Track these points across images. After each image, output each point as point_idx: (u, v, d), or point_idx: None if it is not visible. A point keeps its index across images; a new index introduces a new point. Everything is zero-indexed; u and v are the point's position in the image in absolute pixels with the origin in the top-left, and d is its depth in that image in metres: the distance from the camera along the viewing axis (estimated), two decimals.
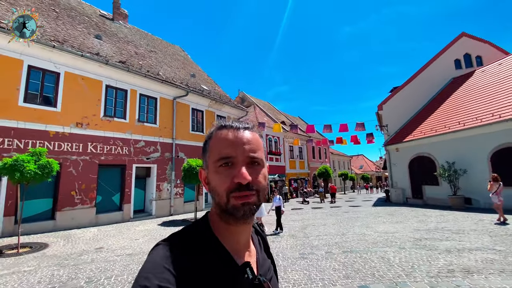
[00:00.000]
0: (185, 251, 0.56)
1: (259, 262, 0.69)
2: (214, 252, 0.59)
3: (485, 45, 18.02)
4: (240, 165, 0.60)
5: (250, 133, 0.65)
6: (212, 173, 0.63)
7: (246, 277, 0.58)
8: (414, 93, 18.36)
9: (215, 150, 0.63)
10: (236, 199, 0.59)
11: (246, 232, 0.67)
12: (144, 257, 5.99)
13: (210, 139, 0.66)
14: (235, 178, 0.59)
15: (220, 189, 0.60)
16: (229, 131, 0.64)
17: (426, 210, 12.17)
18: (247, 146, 0.62)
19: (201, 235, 0.62)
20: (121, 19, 18.73)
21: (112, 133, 11.34)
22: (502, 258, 4.55)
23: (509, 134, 10.65)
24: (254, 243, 0.73)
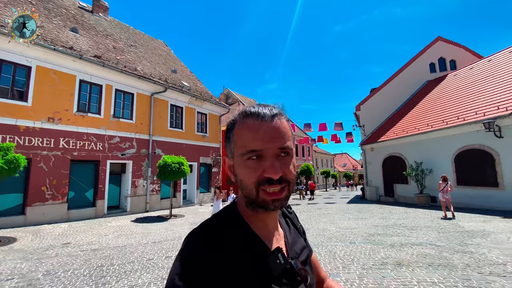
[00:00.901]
0: (218, 239, 0.57)
1: (288, 244, 0.69)
2: (245, 238, 0.60)
3: (459, 49, 18.81)
4: (269, 158, 0.58)
5: (279, 121, 0.61)
6: (239, 165, 0.61)
7: (278, 262, 0.58)
8: (390, 95, 18.99)
9: (241, 142, 0.60)
10: (267, 194, 0.58)
11: (275, 217, 0.68)
12: (109, 252, 6.11)
13: (234, 128, 0.63)
14: (265, 172, 0.57)
15: (248, 182, 0.59)
16: (255, 121, 0.60)
17: (393, 208, 12.76)
18: (277, 137, 0.59)
19: (232, 222, 0.62)
20: (101, 12, 18.34)
21: (85, 128, 11.24)
22: (437, 253, 4.96)
23: (471, 136, 11.29)
24: (282, 225, 0.73)
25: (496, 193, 10.31)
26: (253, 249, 0.59)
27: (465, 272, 3.91)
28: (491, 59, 15.07)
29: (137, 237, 7.94)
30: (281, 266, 0.58)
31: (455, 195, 11.84)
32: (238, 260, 0.55)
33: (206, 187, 17.73)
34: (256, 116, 0.60)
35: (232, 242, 0.57)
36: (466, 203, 11.38)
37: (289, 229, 0.75)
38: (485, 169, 10.74)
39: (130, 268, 4.83)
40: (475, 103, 12.13)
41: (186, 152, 15.78)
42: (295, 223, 0.81)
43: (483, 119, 10.42)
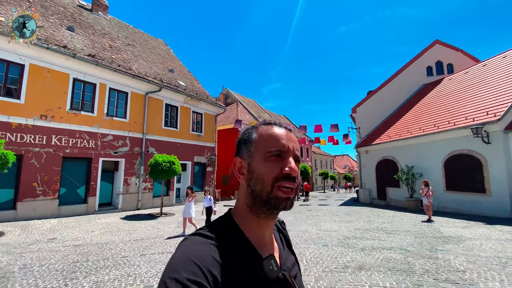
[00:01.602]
0: (212, 245, 0.58)
1: (282, 258, 0.70)
2: (239, 245, 0.61)
3: (457, 53, 18.69)
4: (289, 158, 0.64)
5: (293, 134, 0.71)
6: (259, 161, 0.65)
7: (271, 268, 0.60)
8: (386, 98, 18.95)
9: (267, 142, 0.66)
10: (281, 191, 0.62)
11: (270, 227, 0.70)
12: (88, 248, 6.26)
13: (256, 132, 0.70)
14: (286, 169, 0.62)
15: (267, 177, 0.62)
16: (280, 129, 0.69)
17: (383, 211, 12.78)
18: (294, 144, 0.68)
19: (227, 229, 0.64)
20: (101, 10, 18.55)
21: (78, 126, 11.43)
22: (403, 258, 5.02)
23: (461, 141, 11.26)
24: (276, 240, 0.75)
25: (483, 199, 10.29)
26: (247, 257, 0.60)
27: (421, 277, 3.97)
28: (486, 63, 14.97)
29: (121, 234, 8.09)
30: (275, 273, 0.60)
31: (445, 200, 11.86)
32: (231, 266, 0.56)
33: (201, 186, 17.87)
34: (278, 125, 0.71)
35: (226, 248, 0.59)
36: (455, 208, 11.37)
37: (282, 245, 0.77)
38: (473, 175, 10.72)
39: (102, 265, 4.96)
40: (465, 108, 12.09)
41: (180, 151, 15.94)
42: (288, 239, 0.83)
43: (472, 124, 10.40)
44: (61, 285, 4.00)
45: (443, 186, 12.02)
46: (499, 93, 11.12)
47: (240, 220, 0.66)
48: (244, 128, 0.74)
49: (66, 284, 4.02)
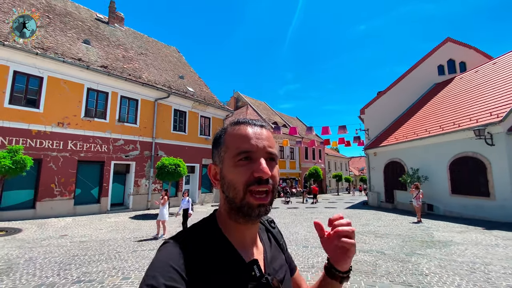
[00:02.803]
0: (192, 249, 0.57)
1: (267, 260, 0.68)
2: (220, 249, 0.59)
3: (470, 51, 17.93)
4: (259, 159, 0.60)
5: (265, 130, 0.66)
6: (229, 167, 0.62)
7: (253, 274, 0.58)
8: (396, 98, 18.54)
9: (234, 144, 0.63)
10: (254, 199, 0.59)
11: (253, 229, 0.67)
12: (91, 244, 6.91)
13: (224, 134, 0.66)
14: (256, 172, 0.59)
15: (237, 183, 0.59)
16: (247, 127, 0.65)
17: (386, 214, 12.60)
18: (265, 142, 0.63)
19: (208, 233, 0.62)
20: (117, 22, 19.80)
21: (92, 132, 12.39)
22: (373, 260, 5.13)
23: (466, 143, 10.90)
24: (263, 241, 0.72)
25: (487, 203, 9.91)
26: (228, 261, 0.58)
27: (378, 279, 4.11)
28: (496, 61, 14.28)
29: (125, 232, 8.74)
30: (256, 279, 0.58)
31: (450, 204, 11.55)
32: (212, 270, 0.55)
33: (208, 187, 18.48)
34: (246, 123, 0.66)
35: (207, 252, 0.57)
36: (460, 213, 11.01)
37: (270, 245, 0.74)
38: (477, 178, 10.34)
39: (96, 259, 5.53)
40: (470, 109, 11.66)
41: (188, 154, 16.64)
42: (278, 238, 0.79)
43: (475, 125, 10.05)
44: (54, 274, 4.58)
45: (449, 189, 11.66)
46: (504, 93, 10.66)
47: (222, 223, 0.65)
48: (217, 131, 0.70)
49: (59, 274, 4.59)
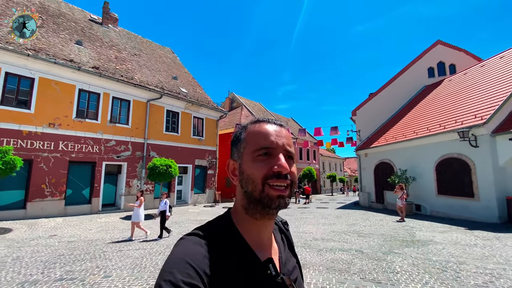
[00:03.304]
0: (208, 246, 0.57)
1: (282, 260, 0.68)
2: (236, 247, 0.60)
3: (460, 53, 18.23)
4: (278, 155, 0.62)
5: (284, 129, 0.68)
6: (248, 162, 0.63)
7: (268, 273, 0.58)
8: (387, 100, 18.79)
9: (254, 140, 0.64)
10: (273, 190, 0.59)
11: (269, 227, 0.67)
12: (79, 244, 6.99)
13: (245, 131, 0.68)
14: (275, 167, 0.60)
15: (256, 176, 0.60)
16: (268, 125, 0.67)
17: (375, 214, 12.80)
18: (285, 140, 0.65)
19: (224, 230, 0.62)
20: (111, 23, 19.84)
21: (83, 133, 12.44)
22: (349, 259, 5.29)
23: (451, 145, 11.11)
24: (277, 241, 0.73)
25: (472, 204, 10.13)
26: (244, 259, 0.59)
27: (350, 276, 4.27)
28: (484, 64, 14.55)
29: (115, 232, 8.83)
30: (272, 278, 0.58)
31: (437, 205, 11.78)
32: (227, 269, 0.55)
33: (202, 188, 18.58)
34: (266, 122, 0.68)
35: (222, 250, 0.57)
36: (446, 213, 11.23)
37: (284, 246, 0.74)
38: (462, 179, 10.57)
39: (82, 258, 5.62)
40: (457, 111, 11.89)
41: (181, 154, 16.72)
42: (291, 240, 0.81)
43: (460, 127, 10.28)
44: (38, 273, 4.67)
45: (435, 190, 11.89)
46: (489, 95, 10.90)
47: (238, 221, 0.65)
48: (236, 129, 0.70)
49: (43, 272, 4.69)
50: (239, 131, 0.70)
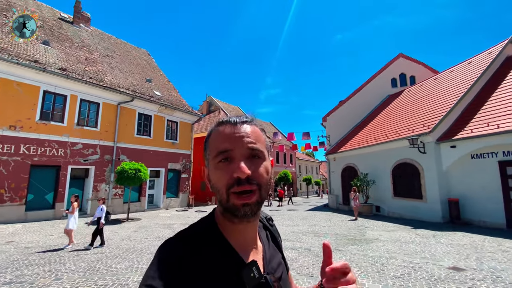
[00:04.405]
0: (191, 249, 0.57)
1: (266, 259, 0.68)
2: (219, 249, 0.59)
3: (419, 66, 19.75)
4: (238, 159, 0.59)
5: (249, 126, 0.64)
6: (212, 170, 0.62)
7: (252, 275, 0.58)
8: (354, 108, 19.88)
9: (213, 146, 0.62)
10: (237, 198, 0.57)
11: (252, 229, 0.67)
12: (36, 250, 6.91)
13: (209, 137, 0.66)
14: (234, 173, 0.57)
15: (219, 185, 0.59)
16: (226, 126, 0.63)
17: (339, 215, 13.56)
18: (246, 139, 0.61)
19: (207, 232, 0.62)
20: (82, 22, 19.39)
21: (47, 135, 12.13)
22: (295, 256, 5.77)
23: (405, 151, 12.07)
24: (262, 239, 0.72)
25: (421, 205, 11.10)
26: (228, 261, 0.58)
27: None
28: (437, 77, 15.98)
29: (77, 238, 8.67)
30: (255, 280, 0.58)
31: (393, 206, 12.72)
32: (211, 271, 0.55)
33: (175, 192, 18.54)
34: (227, 123, 0.64)
35: (206, 253, 0.57)
36: (401, 214, 12.17)
37: (268, 244, 0.74)
38: (413, 182, 11.55)
39: (36, 263, 5.64)
40: (411, 120, 13.00)
41: (153, 158, 16.66)
42: (275, 236, 0.80)
43: (411, 135, 11.26)
44: None
45: (392, 192, 12.85)
46: (437, 106, 12.05)
47: (220, 223, 0.64)
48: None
49: None
50: (206, 136, 0.68)
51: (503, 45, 12.44)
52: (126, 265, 5.36)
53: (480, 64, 12.73)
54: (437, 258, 5.64)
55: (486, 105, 10.45)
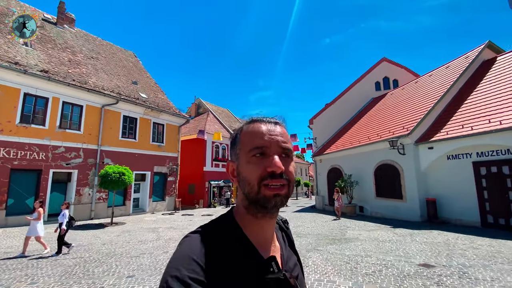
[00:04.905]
0: (212, 244, 0.58)
1: (284, 258, 0.69)
2: (239, 245, 0.61)
3: (401, 70, 20.37)
4: (273, 155, 0.62)
5: (280, 127, 0.68)
6: (243, 163, 0.64)
7: (271, 270, 0.59)
8: (340, 110, 20.30)
9: (248, 141, 0.65)
10: (268, 189, 0.60)
11: (271, 226, 0.68)
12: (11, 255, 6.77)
13: (241, 132, 0.69)
14: (269, 167, 0.60)
15: (252, 178, 0.61)
16: (261, 124, 0.67)
17: (323, 216, 13.80)
18: (279, 138, 0.64)
19: (227, 228, 0.64)
20: (67, 23, 19.09)
21: (28, 139, 11.86)
22: None
23: (386, 152, 12.43)
24: (278, 239, 0.74)
25: (401, 205, 11.44)
26: (247, 257, 0.60)
27: None
28: (417, 80, 16.55)
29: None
30: (275, 275, 0.59)
31: (375, 206, 13.04)
32: (231, 266, 0.56)
33: (161, 195, 18.38)
34: (261, 121, 0.68)
35: (226, 248, 0.59)
36: (383, 213, 12.51)
37: (285, 244, 0.76)
38: (394, 183, 11.90)
39: (13, 267, 5.55)
40: (391, 122, 13.43)
41: (138, 161, 16.49)
42: (291, 238, 0.82)
43: (391, 137, 11.62)
44: None
45: (374, 193, 13.18)
46: (416, 109, 12.49)
47: (241, 220, 0.66)
48: (234, 130, 0.73)
49: None
50: (235, 133, 0.72)
51: (479, 50, 13.02)
52: (103, 269, 5.34)
53: (457, 68, 13.27)
54: (410, 256, 5.87)
55: (462, 108, 10.91)
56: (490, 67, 11.88)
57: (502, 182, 8.57)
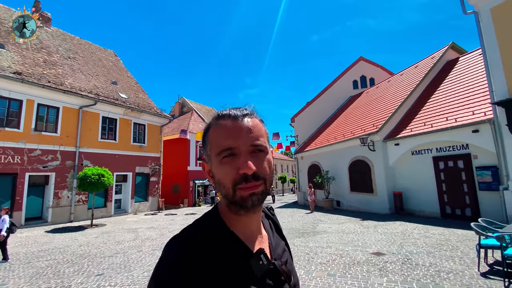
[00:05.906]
0: (198, 244, 0.57)
1: (272, 246, 0.70)
2: (227, 241, 0.60)
3: (377, 69, 21.14)
4: (243, 155, 0.59)
5: (250, 119, 0.64)
6: (215, 166, 0.62)
7: (261, 263, 0.59)
8: (320, 108, 20.89)
9: (215, 142, 0.62)
10: (243, 190, 0.58)
11: (256, 219, 0.68)
12: None
13: (208, 131, 0.65)
14: (240, 170, 0.58)
15: (225, 182, 0.59)
16: (227, 121, 0.63)
17: (303, 211, 14.36)
18: (249, 134, 0.61)
19: (213, 227, 0.63)
20: (42, 23, 18.60)
21: (1, 142, 11.68)
22: None
23: (358, 149, 13.01)
24: (265, 228, 0.74)
25: (373, 198, 12.09)
26: (235, 252, 0.59)
27: None
28: (390, 79, 17.31)
29: (33, 246, 8.60)
30: (264, 267, 0.59)
31: (350, 200, 13.66)
32: (220, 263, 0.56)
33: (144, 196, 18.41)
34: (228, 117, 0.63)
35: (213, 246, 0.58)
36: (357, 207, 13.14)
37: (272, 232, 0.76)
38: (365, 178, 12.53)
39: None
40: (364, 120, 14.07)
41: (119, 162, 16.46)
42: (278, 224, 0.83)
43: (362, 134, 12.21)
44: None
45: (349, 188, 13.80)
46: (386, 107, 13.17)
47: (225, 216, 0.65)
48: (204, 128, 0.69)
49: None
50: (204, 131, 0.68)
51: (443, 51, 13.79)
52: (74, 269, 5.55)
53: (424, 68, 14.01)
54: (367, 245, 6.37)
55: (425, 106, 11.61)
56: (452, 67, 12.64)
57: (458, 176, 9.27)
